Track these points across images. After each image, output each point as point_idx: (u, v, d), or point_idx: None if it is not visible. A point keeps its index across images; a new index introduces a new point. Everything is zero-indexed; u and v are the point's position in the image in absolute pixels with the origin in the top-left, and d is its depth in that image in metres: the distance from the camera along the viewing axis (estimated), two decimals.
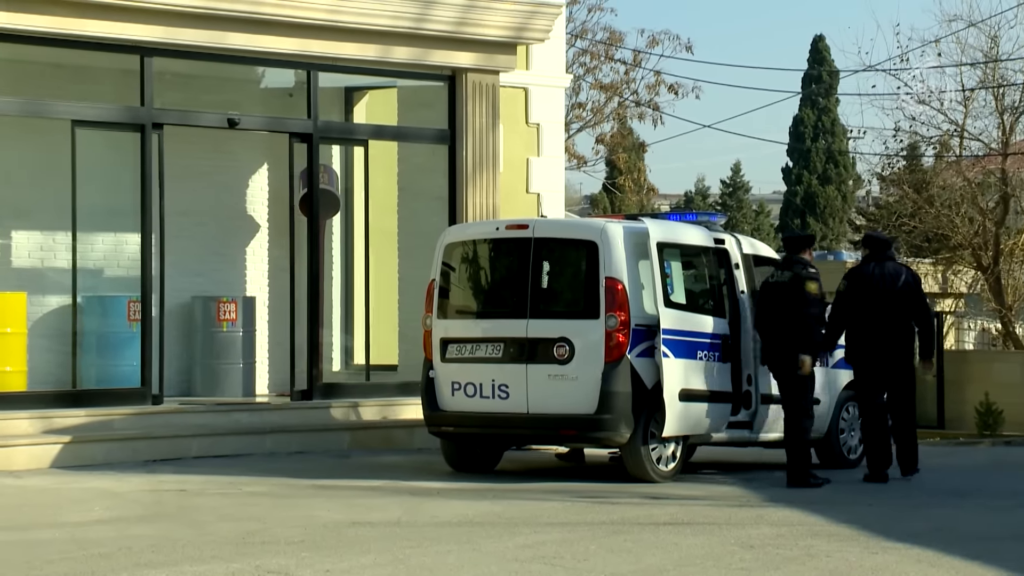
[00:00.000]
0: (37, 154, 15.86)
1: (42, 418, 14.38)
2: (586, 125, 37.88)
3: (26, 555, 9.10)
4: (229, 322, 16.97)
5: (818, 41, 52.98)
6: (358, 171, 18.14)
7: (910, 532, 10.40)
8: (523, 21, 16.99)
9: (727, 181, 66.12)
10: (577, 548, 9.50)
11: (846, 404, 15.11)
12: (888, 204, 36.03)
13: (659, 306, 13.23)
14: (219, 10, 15.21)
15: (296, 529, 10.20)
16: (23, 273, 16.25)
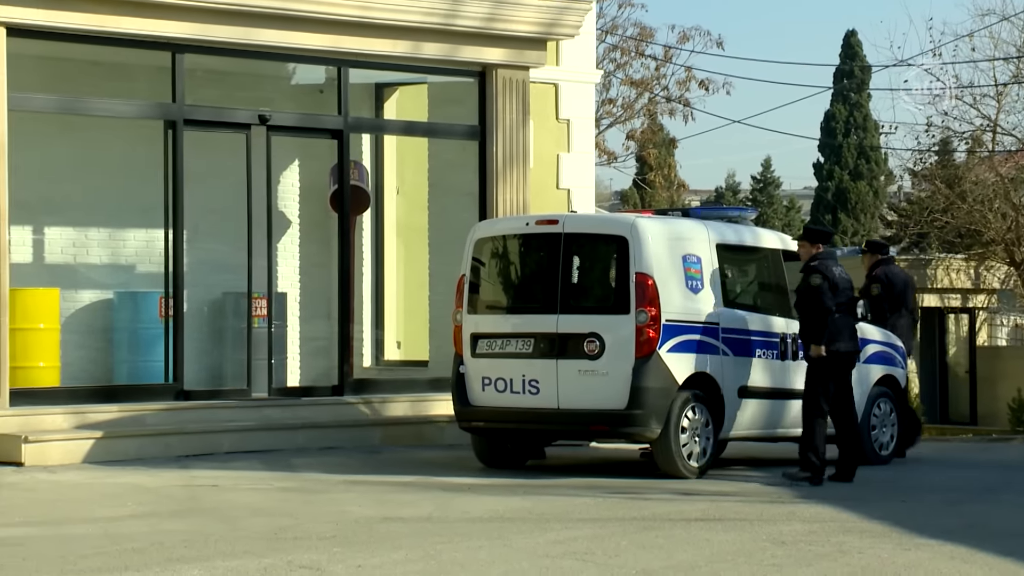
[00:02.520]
0: (70, 150, 15.93)
1: (75, 413, 14.44)
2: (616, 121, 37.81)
3: (60, 550, 9.15)
4: (260, 318, 17.01)
5: (850, 36, 52.76)
6: (389, 167, 18.17)
7: (943, 528, 10.36)
8: (554, 17, 16.98)
9: (758, 177, 65.93)
10: (608, 544, 9.49)
11: (878, 400, 15.06)
12: (920, 200, 35.86)
13: (718, 305, 13.34)
14: (251, 6, 15.26)
15: (328, 524, 10.22)
16: (56, 269, 16.33)
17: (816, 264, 13.39)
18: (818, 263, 13.40)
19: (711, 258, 13.73)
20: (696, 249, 13.63)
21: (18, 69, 14.51)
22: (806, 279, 13.34)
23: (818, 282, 13.22)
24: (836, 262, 13.60)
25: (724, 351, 13.57)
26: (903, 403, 15.22)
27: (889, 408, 15.20)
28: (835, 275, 13.35)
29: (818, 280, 13.23)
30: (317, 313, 16.94)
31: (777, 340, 14.06)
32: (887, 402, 15.18)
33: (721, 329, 13.58)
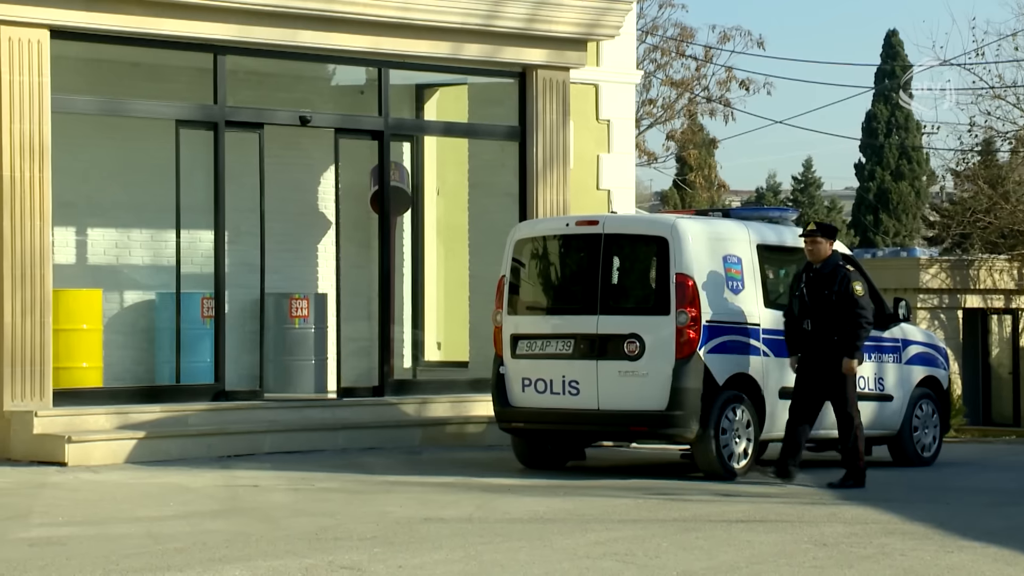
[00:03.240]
0: (113, 152, 16.02)
1: (118, 414, 14.52)
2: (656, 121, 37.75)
3: (104, 549, 9.20)
4: (301, 319, 17.06)
5: (891, 36, 52.50)
6: (429, 168, 18.19)
7: (986, 531, 10.29)
8: (594, 18, 16.96)
9: (798, 177, 65.69)
10: (649, 545, 9.48)
11: (920, 401, 14.98)
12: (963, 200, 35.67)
13: (759, 306, 13.31)
14: (292, 8, 15.31)
15: (369, 525, 10.24)
16: (99, 270, 16.42)
17: (855, 270, 12.98)
18: (855, 268, 13.01)
19: (752, 259, 13.68)
20: (737, 250, 13.59)
21: (61, 71, 14.60)
22: (848, 285, 12.77)
23: (862, 291, 12.82)
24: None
25: (765, 352, 13.53)
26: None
27: (931, 409, 15.12)
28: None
29: (862, 289, 12.83)
30: (357, 314, 16.98)
31: None
32: (929, 403, 15.11)
33: (762, 330, 13.54)
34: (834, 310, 12.84)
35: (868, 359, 14.52)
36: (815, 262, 12.98)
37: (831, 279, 12.85)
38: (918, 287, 29.59)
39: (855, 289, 12.79)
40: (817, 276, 12.91)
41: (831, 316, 12.83)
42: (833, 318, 12.83)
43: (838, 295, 12.83)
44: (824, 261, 12.94)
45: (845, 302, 12.80)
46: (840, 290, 12.83)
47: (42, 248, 14.25)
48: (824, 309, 12.86)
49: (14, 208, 14.13)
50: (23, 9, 14.10)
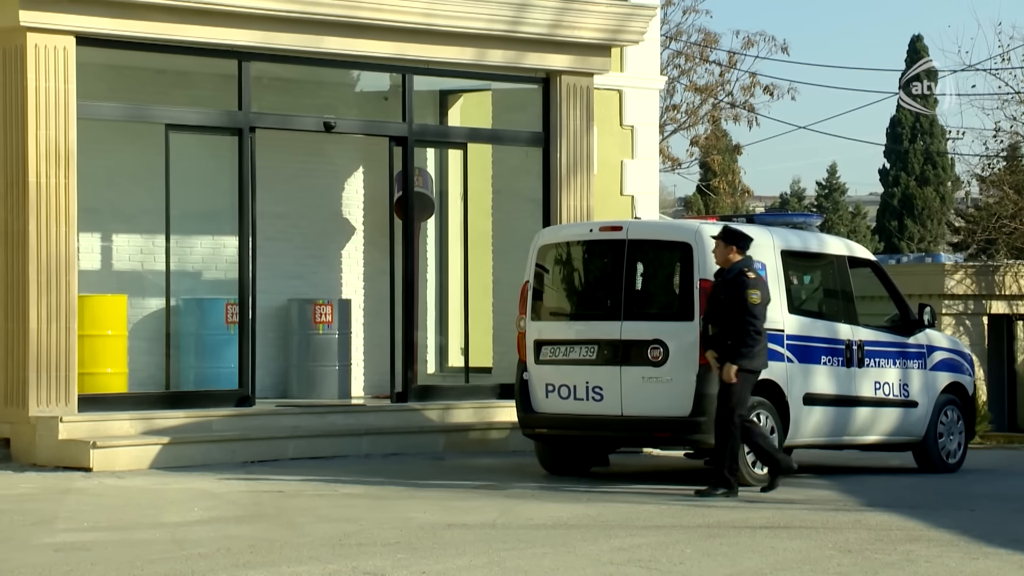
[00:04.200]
0: (138, 158, 16.08)
1: (142, 419, 14.56)
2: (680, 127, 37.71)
3: (128, 555, 9.22)
4: (325, 324, 17.10)
5: (916, 41, 52.36)
6: (453, 174, 18.22)
7: (1012, 537, 10.25)
8: (618, 23, 16.96)
9: (823, 183, 65.54)
10: (672, 552, 9.46)
11: (945, 407, 14.94)
12: (988, 205, 35.54)
13: (783, 312, 13.30)
14: (316, 14, 15.34)
15: (392, 530, 10.25)
16: (123, 276, 16.47)
17: (755, 277, 12.56)
18: (753, 274, 12.55)
19: (776, 264, 13.66)
20: (761, 255, 13.57)
21: (86, 78, 14.66)
22: (743, 292, 12.42)
23: (757, 300, 12.41)
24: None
25: (789, 358, 13.50)
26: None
27: (956, 416, 15.07)
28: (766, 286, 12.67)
29: (757, 298, 12.43)
30: (381, 319, 17.00)
31: (842, 347, 13.98)
32: (954, 410, 15.07)
33: (786, 336, 13.51)
34: (727, 315, 12.57)
35: (893, 365, 14.51)
36: (722, 267, 12.75)
37: (730, 285, 12.59)
38: (943, 293, 29.48)
39: (749, 296, 12.46)
40: (722, 281, 12.69)
41: (725, 321, 12.57)
42: (726, 323, 12.55)
43: (732, 301, 12.54)
44: (730, 267, 12.69)
45: (737, 308, 12.50)
46: (735, 296, 12.53)
47: (67, 254, 14.30)
48: (721, 314, 12.63)
49: (40, 214, 14.19)
50: (49, 16, 14.17)
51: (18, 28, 14.12)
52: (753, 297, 12.46)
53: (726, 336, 12.53)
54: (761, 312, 12.50)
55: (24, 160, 14.19)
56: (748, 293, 12.45)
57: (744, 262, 12.69)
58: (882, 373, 14.38)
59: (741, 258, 12.67)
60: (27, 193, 14.16)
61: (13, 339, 14.25)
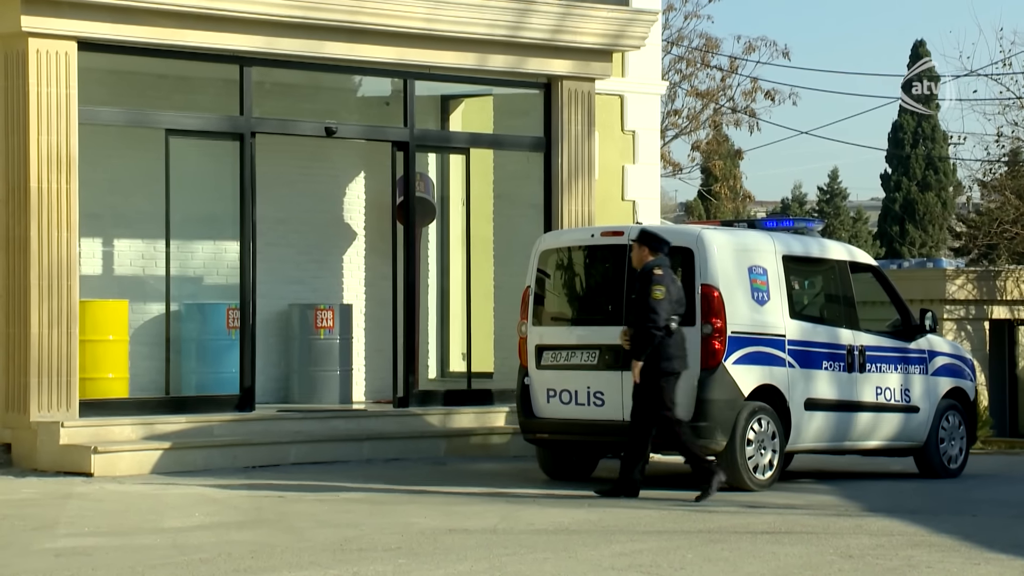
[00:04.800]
0: (140, 163, 16.09)
1: (143, 424, 14.56)
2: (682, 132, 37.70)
3: (129, 560, 9.22)
4: (326, 329, 17.10)
5: (918, 46, 52.35)
6: (454, 179, 18.22)
7: (1013, 542, 10.25)
8: (619, 28, 16.97)
9: (824, 187, 65.55)
10: (674, 557, 9.46)
11: (946, 413, 14.93)
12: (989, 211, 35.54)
13: (785, 317, 13.30)
14: (318, 20, 15.35)
15: (393, 536, 10.25)
16: (125, 281, 16.48)
17: (661, 274, 12.52)
18: (663, 272, 12.54)
19: (777, 269, 13.66)
20: (762, 260, 13.57)
21: (88, 83, 14.67)
22: (647, 290, 12.45)
23: (660, 296, 12.37)
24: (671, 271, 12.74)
25: (790, 363, 13.50)
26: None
27: (958, 421, 15.07)
28: (677, 287, 12.60)
29: (660, 294, 12.39)
30: (382, 324, 17.00)
31: (844, 352, 13.98)
32: (955, 415, 15.06)
33: (787, 341, 13.51)
34: (635, 312, 12.62)
35: (894, 370, 14.50)
36: (636, 267, 12.79)
37: (639, 282, 12.63)
38: (944, 298, 29.49)
39: (653, 292, 12.43)
40: (634, 280, 12.76)
41: (634, 318, 12.62)
42: (635, 320, 12.59)
43: (640, 299, 12.57)
44: (642, 267, 12.69)
45: (642, 306, 12.51)
46: (641, 294, 12.55)
47: (69, 259, 14.30)
48: (631, 311, 12.71)
49: (41, 219, 14.20)
50: (51, 21, 14.18)
51: (20, 33, 14.13)
52: (656, 293, 12.41)
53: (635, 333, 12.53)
54: (664, 309, 12.40)
55: (26, 165, 14.19)
56: (652, 289, 12.42)
57: (655, 261, 12.63)
58: (883, 378, 14.37)
59: (654, 259, 12.64)
60: (29, 198, 14.17)
61: (14, 344, 14.25)
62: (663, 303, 12.39)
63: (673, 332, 12.48)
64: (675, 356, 12.53)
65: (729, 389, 13.03)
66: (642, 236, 12.79)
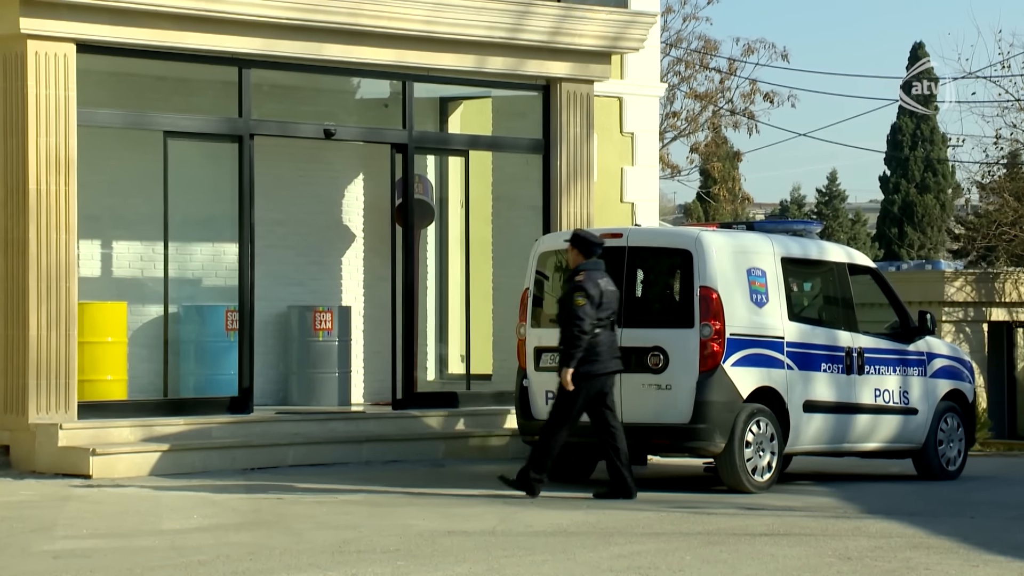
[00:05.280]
0: (138, 165, 16.09)
1: (142, 426, 14.56)
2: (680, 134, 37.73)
3: (128, 562, 9.22)
4: (325, 331, 17.10)
5: (917, 48, 52.38)
6: (453, 181, 18.23)
7: (1012, 544, 10.25)
8: (618, 31, 16.97)
9: (823, 190, 65.56)
10: (672, 559, 9.46)
11: (945, 415, 14.93)
12: (988, 213, 35.57)
13: (783, 319, 13.31)
14: (317, 22, 15.35)
15: (392, 538, 10.25)
16: (123, 283, 16.48)
17: (581, 279, 12.53)
18: (584, 277, 12.54)
19: (776, 272, 13.67)
20: (761, 263, 13.58)
21: (87, 85, 14.67)
22: (571, 294, 12.48)
23: (582, 302, 12.39)
24: (603, 273, 12.73)
25: (789, 365, 13.51)
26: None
27: (956, 423, 15.07)
28: (600, 290, 12.51)
29: (582, 299, 12.40)
30: (381, 326, 17.00)
31: (842, 354, 13.98)
32: (954, 417, 15.06)
33: (786, 343, 13.52)
34: (560, 318, 12.66)
35: (893, 372, 14.51)
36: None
37: (565, 286, 12.72)
38: (943, 300, 29.50)
39: (574, 299, 12.46)
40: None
41: (560, 324, 12.66)
42: (561, 326, 12.62)
43: (563, 303, 12.62)
44: (570, 275, 12.73)
45: (566, 311, 12.53)
46: (565, 298, 12.60)
47: (68, 261, 14.30)
48: (559, 315, 12.74)
49: (40, 221, 14.20)
50: (50, 24, 14.18)
51: (18, 35, 14.13)
52: (578, 299, 12.42)
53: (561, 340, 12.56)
54: (586, 314, 12.38)
55: (24, 167, 14.19)
56: (573, 296, 12.45)
57: (582, 266, 12.63)
58: (882, 380, 14.38)
59: (583, 263, 12.64)
60: (27, 200, 14.17)
61: (13, 346, 14.25)
62: (584, 309, 12.37)
63: (598, 335, 12.46)
64: (600, 359, 12.51)
65: (728, 391, 13.03)
66: (572, 238, 12.80)
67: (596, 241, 12.74)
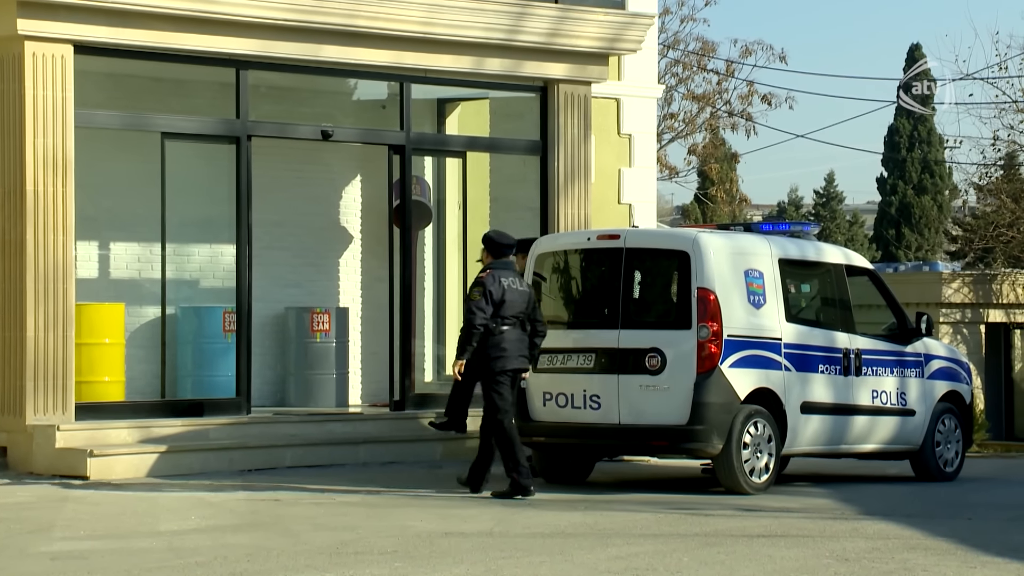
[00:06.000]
0: (136, 166, 16.09)
1: (139, 428, 14.56)
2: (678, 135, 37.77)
3: (125, 563, 9.22)
4: (323, 333, 17.10)
5: (914, 50, 52.41)
6: (451, 182, 18.23)
7: (1009, 546, 10.25)
8: (616, 32, 16.97)
9: (820, 191, 65.60)
10: (670, 560, 9.46)
11: (942, 416, 14.94)
12: (985, 214, 35.59)
13: (781, 321, 13.33)
14: (314, 23, 15.35)
15: (389, 539, 10.25)
16: (121, 284, 16.48)
17: (483, 276, 12.88)
18: (487, 275, 12.85)
19: (773, 273, 13.67)
20: (758, 264, 13.58)
21: (84, 86, 14.67)
22: (470, 291, 12.94)
23: (477, 296, 12.74)
24: (512, 273, 12.98)
25: (786, 366, 13.51)
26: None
27: (954, 424, 15.08)
28: (503, 289, 12.76)
29: (477, 294, 12.75)
30: (379, 328, 17.00)
31: (840, 355, 13.99)
32: (951, 418, 15.07)
33: (784, 344, 13.52)
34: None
35: (890, 374, 14.52)
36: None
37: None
38: (940, 301, 29.52)
39: (471, 293, 12.86)
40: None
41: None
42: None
43: (464, 299, 13.02)
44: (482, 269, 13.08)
45: (464, 306, 12.92)
46: (466, 295, 13.00)
47: (65, 262, 14.30)
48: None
49: (37, 222, 14.20)
50: (47, 25, 14.18)
51: (16, 36, 14.13)
52: (473, 294, 12.82)
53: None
54: (480, 308, 12.67)
55: (22, 168, 14.19)
56: (472, 291, 12.86)
57: (488, 264, 12.96)
58: (879, 382, 14.38)
59: (493, 261, 12.97)
60: (24, 201, 14.17)
61: (10, 347, 14.24)
62: (480, 303, 12.67)
63: (504, 331, 12.74)
64: (504, 356, 12.73)
65: (725, 392, 13.04)
66: (484, 239, 13.23)
67: (506, 242, 13.09)
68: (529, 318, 12.96)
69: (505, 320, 12.76)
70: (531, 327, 13.01)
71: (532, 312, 12.99)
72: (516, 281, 12.92)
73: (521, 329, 12.89)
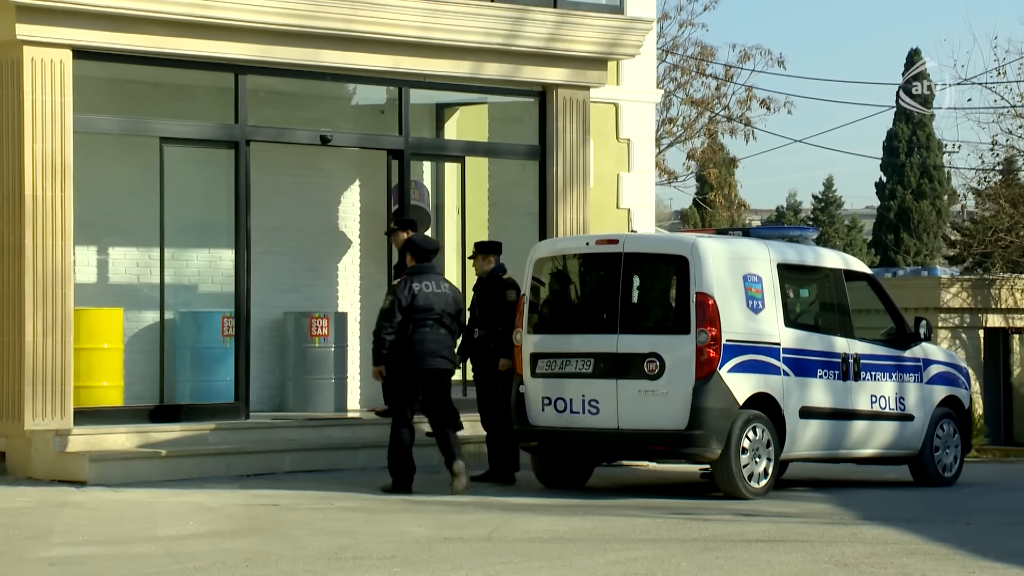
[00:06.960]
0: (135, 171, 16.09)
1: (138, 432, 14.55)
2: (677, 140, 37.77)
3: (124, 569, 9.22)
4: (321, 337, 17.09)
5: (913, 55, 52.43)
6: (449, 187, 18.23)
7: (1008, 551, 10.26)
8: (614, 37, 16.98)
9: (819, 196, 65.63)
10: (668, 565, 9.46)
11: (941, 421, 14.94)
12: (984, 219, 35.60)
13: (780, 326, 13.33)
14: (313, 28, 15.36)
15: (388, 544, 10.25)
16: (119, 289, 16.47)
17: (396, 283, 13.53)
18: (400, 281, 13.48)
19: (772, 278, 13.67)
20: (757, 269, 13.59)
21: (83, 91, 14.67)
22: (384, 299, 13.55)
23: (386, 305, 13.34)
24: (433, 276, 13.47)
25: (785, 371, 13.51)
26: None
27: (952, 429, 15.08)
28: (413, 293, 13.24)
29: (387, 302, 13.35)
30: None
31: (839, 360, 13.99)
32: (950, 423, 15.07)
33: (782, 349, 13.52)
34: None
35: (889, 379, 14.52)
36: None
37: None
38: (939, 306, 29.52)
39: (384, 300, 13.47)
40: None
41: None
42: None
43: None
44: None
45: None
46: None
47: (64, 267, 14.30)
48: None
49: (36, 227, 14.20)
50: (46, 29, 14.18)
51: (15, 41, 14.13)
52: (385, 302, 13.45)
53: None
54: (388, 315, 13.26)
55: (20, 173, 14.19)
56: (385, 298, 13.53)
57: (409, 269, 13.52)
58: (878, 386, 14.38)
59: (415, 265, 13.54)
60: (23, 206, 14.17)
61: (9, 352, 14.24)
62: (390, 310, 13.25)
63: (420, 332, 13.27)
64: (416, 357, 13.23)
65: (724, 397, 13.04)
66: (406, 244, 13.88)
67: (428, 247, 13.62)
68: (452, 317, 13.44)
69: (423, 323, 13.25)
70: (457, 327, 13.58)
71: (456, 313, 13.50)
72: (436, 284, 13.43)
73: (445, 330, 13.38)
